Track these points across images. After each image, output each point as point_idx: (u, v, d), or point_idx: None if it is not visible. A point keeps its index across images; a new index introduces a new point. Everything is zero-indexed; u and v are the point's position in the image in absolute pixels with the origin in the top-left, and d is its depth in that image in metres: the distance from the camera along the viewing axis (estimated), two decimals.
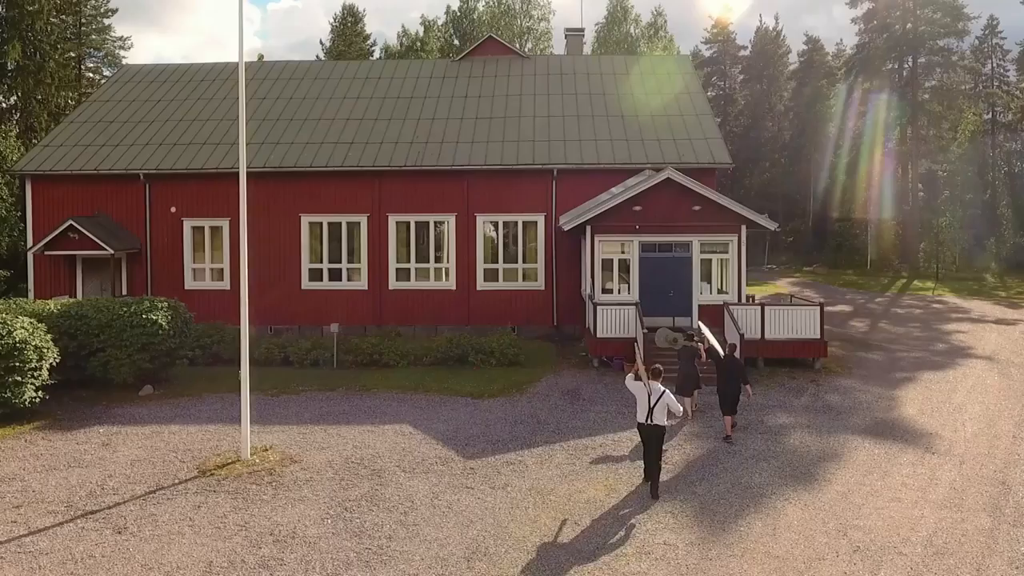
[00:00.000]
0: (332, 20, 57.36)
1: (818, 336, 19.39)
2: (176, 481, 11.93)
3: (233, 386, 18.21)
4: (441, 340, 20.95)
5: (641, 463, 12.05)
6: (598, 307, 19.87)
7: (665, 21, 66.75)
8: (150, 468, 12.57)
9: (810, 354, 19.46)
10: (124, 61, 49.80)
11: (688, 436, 14.03)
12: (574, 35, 35.22)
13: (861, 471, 12.16)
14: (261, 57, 46.16)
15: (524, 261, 25.29)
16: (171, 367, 18.56)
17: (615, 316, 19.82)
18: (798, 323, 19.47)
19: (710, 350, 15.61)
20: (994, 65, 61.14)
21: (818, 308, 19.49)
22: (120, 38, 50.43)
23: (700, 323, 19.87)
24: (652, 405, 11.28)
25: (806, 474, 12.06)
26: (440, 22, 66.09)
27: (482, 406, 16.40)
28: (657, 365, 12.36)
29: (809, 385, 17.83)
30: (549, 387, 17.99)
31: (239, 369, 13.47)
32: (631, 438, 13.95)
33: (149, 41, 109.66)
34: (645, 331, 18.45)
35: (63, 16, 47.26)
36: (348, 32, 56.23)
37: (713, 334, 18.32)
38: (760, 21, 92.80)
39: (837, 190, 57.49)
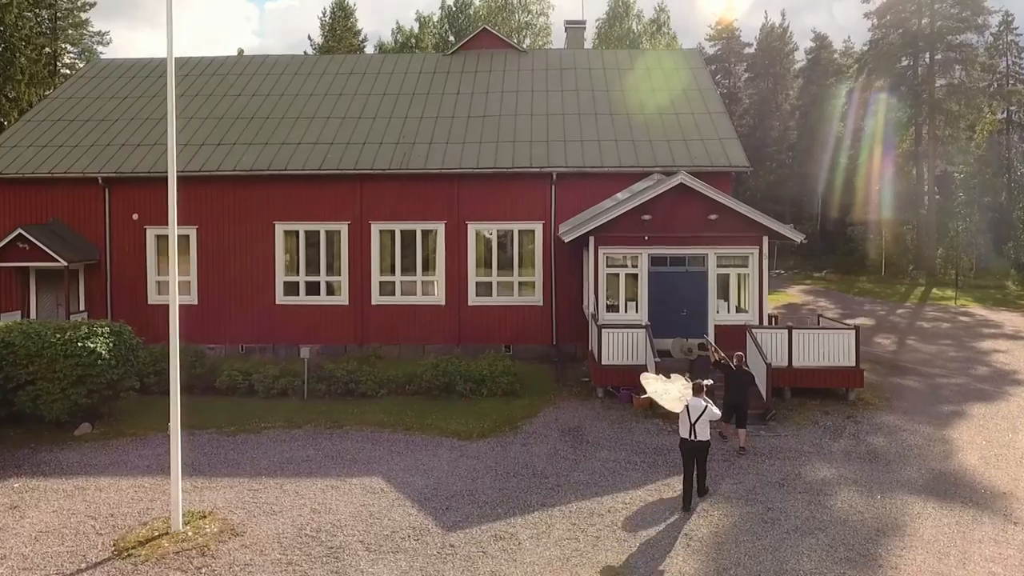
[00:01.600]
0: (321, 15, 54.99)
1: (853, 363, 17.06)
2: (83, 566, 9.60)
3: (190, 422, 15.93)
4: (426, 365, 18.64)
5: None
6: (603, 330, 17.56)
7: (668, 17, 64.62)
8: (57, 544, 10.23)
9: (844, 384, 17.14)
10: (103, 57, 47.52)
11: (716, 498, 11.71)
12: (575, 28, 32.88)
13: (933, 553, 9.84)
14: (241, 51, 43.80)
15: (520, 274, 22.97)
16: (114, 400, 16.20)
17: (622, 340, 17.50)
18: (831, 348, 17.14)
19: (720, 362, 15.19)
20: (1009, 63, 58.87)
21: (853, 332, 17.16)
22: (98, 33, 48.22)
23: (709, 338, 17.69)
24: (694, 421, 11.33)
25: (866, 556, 9.74)
26: (436, 18, 63.93)
27: (469, 451, 14.07)
28: (699, 380, 12.22)
29: (846, 423, 15.52)
30: (547, 424, 15.68)
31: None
32: (645, 498, 11.66)
33: (143, 38, 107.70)
34: (658, 360, 16.11)
35: (37, 10, 44.97)
36: (338, 27, 53.86)
37: (732, 358, 16.08)
38: (766, 18, 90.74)
39: (847, 192, 55.26)
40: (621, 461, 13.32)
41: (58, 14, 46.45)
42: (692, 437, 11.37)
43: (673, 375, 13.34)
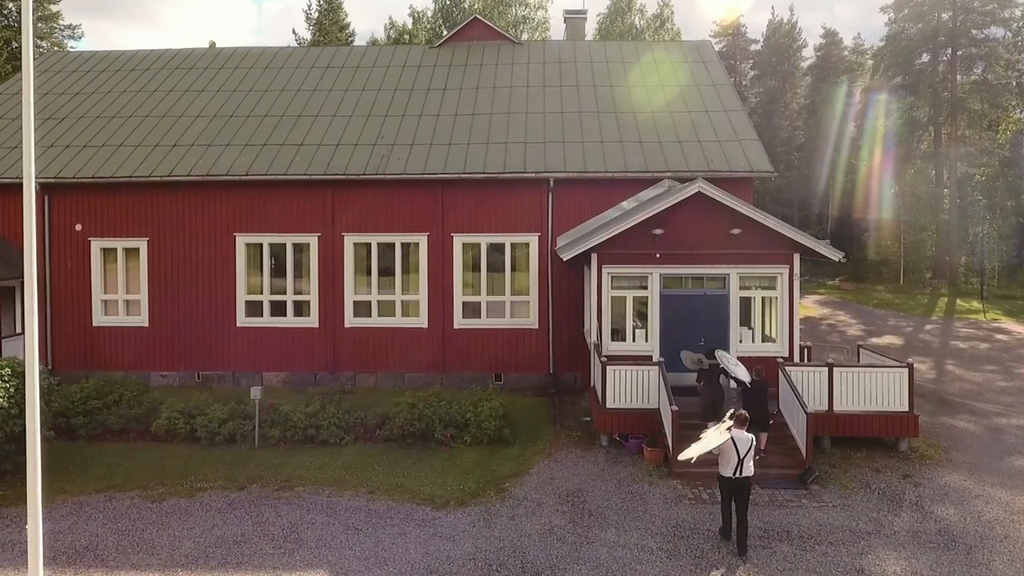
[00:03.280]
0: (306, 8, 52.24)
1: (906, 408, 14.38)
2: None
3: (112, 481, 13.34)
4: (401, 405, 15.93)
5: None
6: (608, 367, 14.84)
7: (672, 12, 61.78)
8: None
9: (895, 432, 14.43)
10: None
11: None
12: (574, 18, 30.15)
13: None
14: (213, 44, 41.10)
15: (513, 293, 20.26)
16: (20, 455, 13.45)
17: (631, 380, 14.81)
18: (879, 389, 14.44)
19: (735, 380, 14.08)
20: None
21: (906, 371, 14.45)
22: (69, 26, 45.37)
23: (721, 352, 15.15)
24: (743, 457, 10.33)
25: None
26: (429, 14, 61.19)
27: (444, 526, 11.36)
28: (742, 411, 10.87)
29: (904, 485, 12.81)
30: (541, 485, 12.96)
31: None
32: None
33: (138, 35, 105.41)
34: (675, 408, 13.37)
35: (2, 2, 42.26)
36: (325, 22, 51.08)
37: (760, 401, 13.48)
38: (772, 14, 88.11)
39: (859, 195, 52.63)
40: (632, 546, 10.59)
41: None
42: (737, 475, 10.30)
43: (739, 433, 10.68)
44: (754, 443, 10.63)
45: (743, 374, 13.90)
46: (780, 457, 13.27)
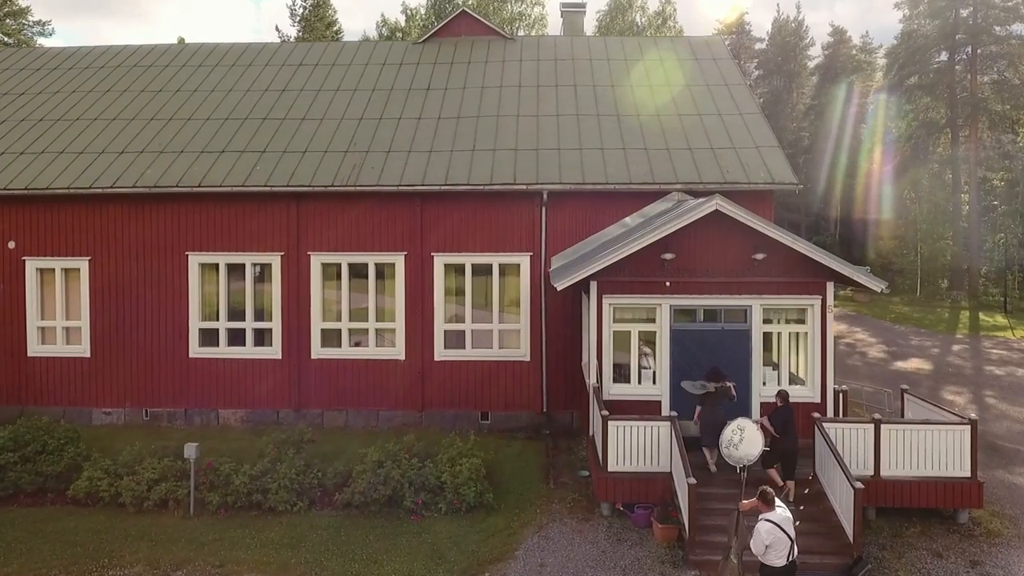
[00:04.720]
0: (290, 3, 49.82)
1: (968, 474, 11.98)
2: None
3: (6, 567, 10.92)
4: (367, 463, 13.52)
5: None
6: (609, 423, 12.41)
7: (675, 10, 59.41)
8: None
9: (955, 503, 12.00)
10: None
11: None
12: (572, 12, 27.74)
13: None
14: (182, 40, 38.67)
15: (501, 320, 17.87)
16: None
17: (637, 438, 12.40)
18: (934, 451, 12.04)
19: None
20: None
21: (968, 428, 12.05)
22: (39, 22, 42.92)
23: (730, 383, 13.27)
24: (794, 537, 8.92)
25: None
26: (423, 11, 58.84)
27: None
28: (765, 488, 9.13)
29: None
30: (529, 573, 10.56)
31: None
32: None
33: (132, 33, 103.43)
34: (691, 480, 10.94)
35: None
36: (311, 18, 48.66)
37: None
38: (778, 11, 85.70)
39: (870, 201, 50.29)
40: None
41: None
42: (791, 558, 8.88)
43: (774, 514, 8.67)
44: (790, 518, 9.05)
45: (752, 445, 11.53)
46: (820, 539, 10.89)
